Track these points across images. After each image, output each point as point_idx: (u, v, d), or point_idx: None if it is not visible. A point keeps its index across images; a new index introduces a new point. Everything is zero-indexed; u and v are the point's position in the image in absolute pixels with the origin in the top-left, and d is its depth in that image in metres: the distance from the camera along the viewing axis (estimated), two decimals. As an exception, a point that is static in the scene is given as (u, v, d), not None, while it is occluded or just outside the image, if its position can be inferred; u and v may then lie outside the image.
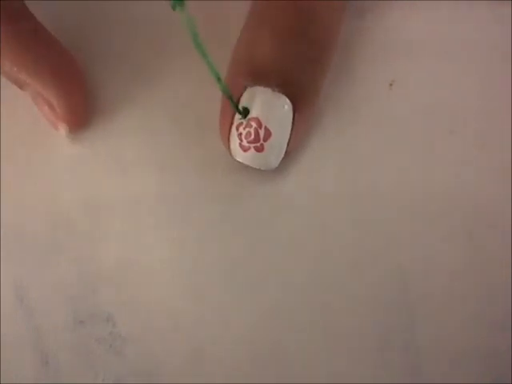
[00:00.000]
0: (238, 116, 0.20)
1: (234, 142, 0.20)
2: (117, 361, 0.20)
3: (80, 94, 0.21)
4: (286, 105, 0.20)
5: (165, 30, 0.23)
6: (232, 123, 0.20)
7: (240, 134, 0.20)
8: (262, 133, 0.20)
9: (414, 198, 0.21)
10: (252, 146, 0.20)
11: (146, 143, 0.22)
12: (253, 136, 0.20)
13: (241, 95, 0.20)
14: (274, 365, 0.20)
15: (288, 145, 0.20)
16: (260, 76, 0.19)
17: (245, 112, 0.20)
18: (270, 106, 0.19)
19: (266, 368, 0.20)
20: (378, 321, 0.20)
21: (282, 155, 0.20)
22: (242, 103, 0.20)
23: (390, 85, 0.23)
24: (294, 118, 0.20)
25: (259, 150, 0.20)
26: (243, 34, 0.20)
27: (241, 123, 0.20)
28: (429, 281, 0.21)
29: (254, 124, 0.20)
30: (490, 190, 0.22)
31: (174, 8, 0.15)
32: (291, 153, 0.21)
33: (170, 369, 0.20)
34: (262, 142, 0.20)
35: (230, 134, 0.20)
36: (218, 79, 0.18)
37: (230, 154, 0.21)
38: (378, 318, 0.20)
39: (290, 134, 0.20)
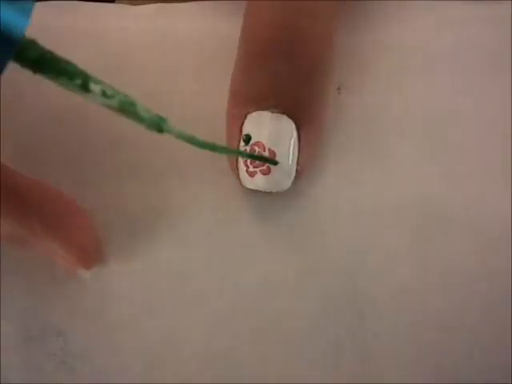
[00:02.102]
0: (242, 144, 0.20)
1: (242, 170, 0.20)
2: (68, 377, 0.20)
3: (89, 231, 0.20)
4: (286, 124, 0.20)
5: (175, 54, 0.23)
6: None
7: (246, 161, 0.20)
8: (266, 155, 0.19)
9: (366, 202, 0.22)
10: (258, 169, 0.20)
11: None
12: (257, 160, 0.20)
13: (242, 124, 0.20)
14: (228, 373, 0.20)
15: (298, 163, 0.20)
16: (257, 101, 0.20)
17: (247, 139, 0.20)
18: (270, 128, 0.19)
19: (219, 377, 0.20)
20: (329, 324, 0.21)
21: (293, 174, 0.20)
22: (245, 131, 0.20)
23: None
24: (299, 135, 0.20)
25: (266, 172, 0.20)
26: (236, 64, 0.21)
27: (245, 150, 0.20)
28: (379, 282, 0.21)
29: (257, 148, 0.20)
30: (440, 190, 0.22)
31: (160, 131, 0.16)
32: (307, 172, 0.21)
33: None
34: (267, 164, 0.20)
35: (237, 163, 0.20)
36: (239, 153, 0.19)
37: (241, 183, 0.21)
38: (328, 321, 0.21)
39: (299, 152, 0.20)
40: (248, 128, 0.20)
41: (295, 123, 0.19)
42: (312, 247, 0.21)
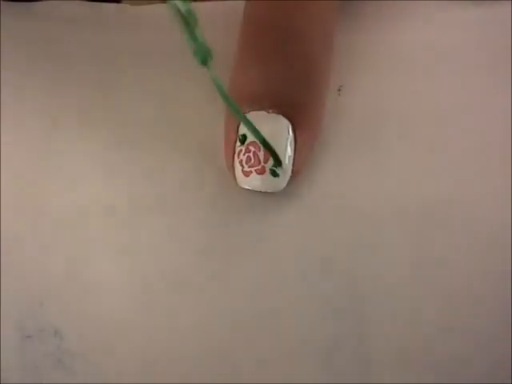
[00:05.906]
0: (237, 144, 0.20)
1: (237, 169, 0.20)
2: (66, 376, 0.20)
3: None
4: (282, 124, 0.20)
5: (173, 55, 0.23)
6: (235, 153, 0.20)
7: (241, 161, 0.20)
8: (261, 155, 0.20)
9: (366, 202, 0.22)
10: (253, 169, 0.20)
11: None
12: (252, 160, 0.20)
13: (239, 124, 0.20)
14: (223, 373, 0.20)
15: (294, 164, 0.20)
16: (252, 101, 0.20)
17: (243, 139, 0.20)
18: (265, 128, 0.19)
19: (216, 377, 0.20)
20: (328, 324, 0.20)
21: (289, 174, 0.20)
22: (241, 131, 0.20)
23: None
24: (295, 136, 0.20)
25: (261, 172, 0.20)
26: (233, 64, 0.21)
27: (240, 150, 0.20)
28: (379, 283, 0.21)
29: (252, 148, 0.20)
30: (440, 190, 0.22)
31: (204, 63, 0.16)
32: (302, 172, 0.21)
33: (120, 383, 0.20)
34: (262, 163, 0.20)
35: (233, 162, 0.20)
36: (254, 130, 0.19)
37: (237, 183, 0.21)
38: (328, 322, 0.20)
39: (294, 152, 0.20)
40: (244, 128, 0.20)
41: (291, 123, 0.20)
42: (311, 247, 0.21)
